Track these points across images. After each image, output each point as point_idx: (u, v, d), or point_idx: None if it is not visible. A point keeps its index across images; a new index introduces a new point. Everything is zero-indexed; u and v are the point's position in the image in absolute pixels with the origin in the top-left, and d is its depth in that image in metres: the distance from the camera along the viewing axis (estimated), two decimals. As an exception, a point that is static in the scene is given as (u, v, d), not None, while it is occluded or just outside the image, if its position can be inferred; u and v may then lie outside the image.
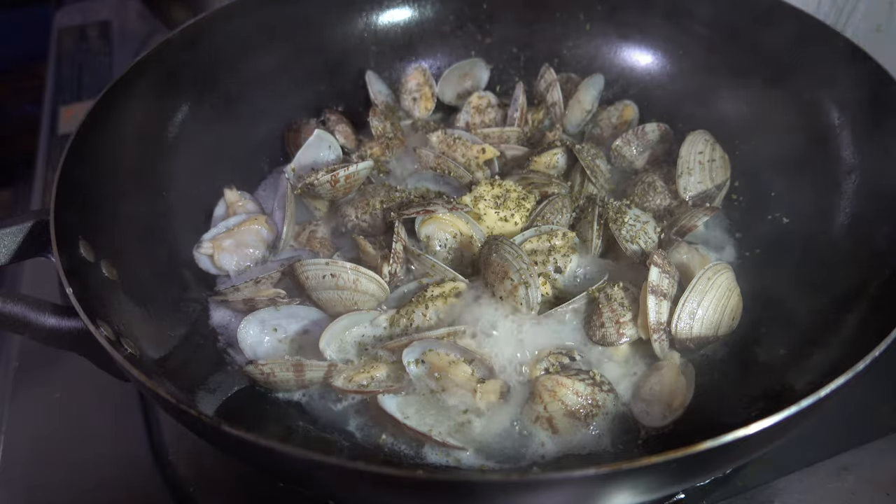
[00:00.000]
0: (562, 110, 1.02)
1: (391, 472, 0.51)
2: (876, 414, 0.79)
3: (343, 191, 0.88)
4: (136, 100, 0.84)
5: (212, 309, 0.82)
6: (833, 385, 0.54)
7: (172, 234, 0.86)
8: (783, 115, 0.91)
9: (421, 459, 0.70)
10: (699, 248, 0.84)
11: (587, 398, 0.71)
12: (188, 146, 0.90)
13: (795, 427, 0.57)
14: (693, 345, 0.76)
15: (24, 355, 0.92)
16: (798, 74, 0.89)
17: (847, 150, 0.83)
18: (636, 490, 0.55)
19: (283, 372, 0.71)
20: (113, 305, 0.70)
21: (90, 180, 0.76)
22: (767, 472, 0.75)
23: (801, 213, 0.85)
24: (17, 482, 0.80)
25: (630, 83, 1.05)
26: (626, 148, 0.95)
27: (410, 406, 0.72)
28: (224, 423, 0.52)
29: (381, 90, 1.06)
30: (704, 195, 0.90)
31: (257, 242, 0.87)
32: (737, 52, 0.95)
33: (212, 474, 0.78)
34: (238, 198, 0.92)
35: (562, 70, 1.07)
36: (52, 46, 1.48)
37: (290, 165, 0.91)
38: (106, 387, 0.78)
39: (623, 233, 0.82)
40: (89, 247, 0.71)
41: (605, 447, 0.71)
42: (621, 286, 0.78)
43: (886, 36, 1.04)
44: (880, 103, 0.80)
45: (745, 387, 0.72)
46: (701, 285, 0.75)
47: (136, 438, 0.81)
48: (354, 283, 0.77)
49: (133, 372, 0.57)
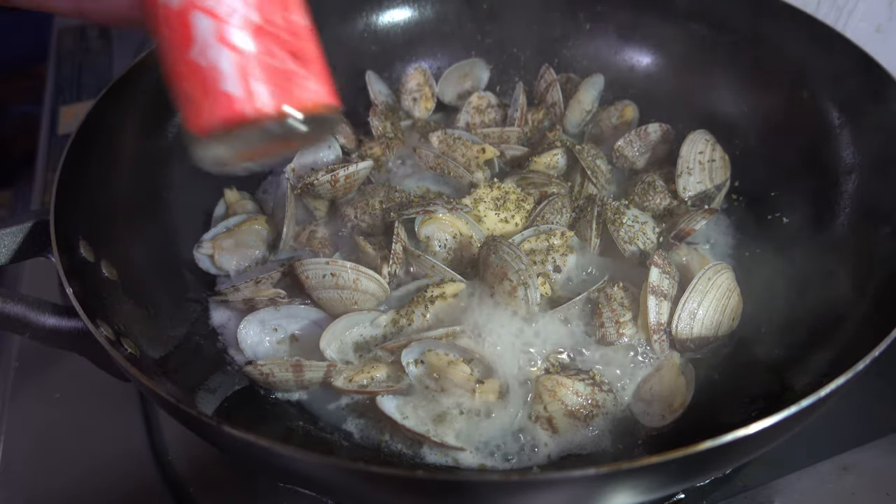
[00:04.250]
0: (562, 110, 1.02)
1: (391, 472, 0.51)
2: (876, 414, 0.79)
3: (343, 191, 0.88)
4: (137, 100, 0.84)
5: (212, 309, 0.82)
6: (833, 385, 0.54)
7: (172, 234, 0.86)
8: (783, 115, 0.91)
9: (420, 459, 0.70)
10: (699, 249, 0.84)
11: (587, 398, 0.71)
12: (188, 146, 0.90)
13: (795, 427, 0.57)
14: (693, 345, 0.76)
15: (24, 355, 0.92)
16: (798, 74, 0.89)
17: (847, 150, 0.83)
18: (636, 490, 0.55)
19: (283, 372, 0.71)
20: (113, 305, 0.70)
21: (90, 180, 0.76)
22: (767, 472, 0.75)
23: (801, 213, 0.85)
24: (17, 482, 0.80)
25: (630, 83, 1.05)
26: (627, 148, 0.95)
27: (409, 406, 0.72)
28: (224, 422, 0.52)
29: (381, 90, 1.06)
30: (704, 195, 0.90)
31: (257, 242, 0.87)
32: (737, 53, 0.95)
33: (212, 474, 0.78)
34: (238, 198, 0.92)
35: (562, 70, 1.07)
36: (52, 46, 1.48)
37: (290, 165, 0.91)
38: (106, 387, 0.77)
39: (621, 234, 0.83)
40: (89, 247, 0.71)
41: (605, 447, 0.71)
42: (621, 286, 0.78)
43: (886, 36, 1.04)
44: (880, 103, 0.80)
45: (745, 387, 0.72)
46: (701, 286, 0.75)
47: (136, 438, 0.81)
48: (354, 282, 0.77)
49: (133, 372, 0.57)
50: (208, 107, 0.41)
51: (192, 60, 0.41)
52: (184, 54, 0.41)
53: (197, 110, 0.42)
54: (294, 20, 0.42)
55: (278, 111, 0.41)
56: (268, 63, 0.41)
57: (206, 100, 0.41)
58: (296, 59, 0.42)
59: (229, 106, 0.41)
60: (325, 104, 0.44)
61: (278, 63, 0.41)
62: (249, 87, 0.40)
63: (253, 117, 0.41)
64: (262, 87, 0.41)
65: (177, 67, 0.42)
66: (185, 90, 0.42)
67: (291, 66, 0.41)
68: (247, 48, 0.40)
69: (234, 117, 0.41)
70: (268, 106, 0.41)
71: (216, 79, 0.40)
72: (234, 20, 0.40)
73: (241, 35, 0.40)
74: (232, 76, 0.40)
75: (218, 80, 0.40)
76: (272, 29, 0.41)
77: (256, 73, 0.41)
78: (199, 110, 0.42)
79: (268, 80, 0.41)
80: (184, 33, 0.41)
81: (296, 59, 0.42)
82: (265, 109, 0.41)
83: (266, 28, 0.41)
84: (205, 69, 0.40)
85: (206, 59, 0.40)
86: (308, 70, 0.42)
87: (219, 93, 0.40)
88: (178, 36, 0.41)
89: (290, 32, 0.42)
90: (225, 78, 0.40)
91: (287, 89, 0.41)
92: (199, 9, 0.40)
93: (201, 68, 0.41)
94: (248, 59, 0.40)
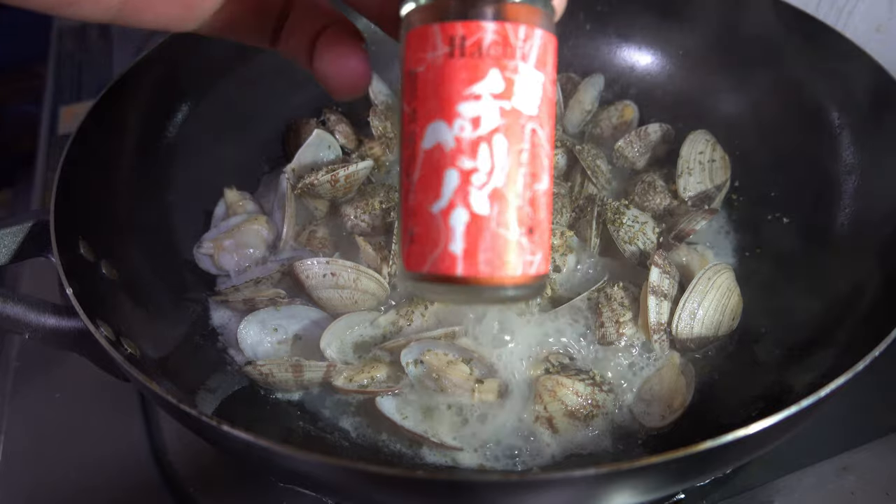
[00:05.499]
0: (562, 110, 1.02)
1: (391, 472, 0.51)
2: (876, 414, 0.79)
3: (343, 191, 0.88)
4: (137, 100, 0.84)
5: (212, 309, 0.82)
6: (833, 385, 0.54)
7: (173, 234, 0.86)
8: (783, 116, 0.91)
9: (420, 459, 0.70)
10: (699, 249, 0.84)
11: (587, 398, 0.71)
12: (188, 146, 0.90)
13: (795, 427, 0.57)
14: (693, 345, 0.76)
15: (24, 355, 0.92)
16: (798, 74, 0.89)
17: (847, 150, 0.83)
18: (636, 490, 0.55)
19: (282, 372, 0.71)
20: (113, 305, 0.70)
21: (90, 180, 0.76)
22: (767, 471, 0.75)
23: (801, 214, 0.85)
24: (18, 481, 0.80)
25: (630, 83, 1.05)
26: (628, 149, 0.95)
27: (408, 407, 0.72)
28: (224, 422, 0.52)
29: (381, 90, 1.06)
30: (704, 195, 0.90)
31: (257, 242, 0.87)
32: (737, 53, 0.95)
33: (212, 474, 0.78)
34: (238, 198, 0.92)
35: (561, 70, 1.07)
36: (52, 46, 1.48)
37: (290, 165, 0.91)
38: (106, 387, 0.78)
39: (621, 234, 0.83)
40: (89, 247, 0.71)
41: (605, 447, 0.71)
42: (621, 286, 0.78)
43: (886, 36, 1.04)
44: (880, 103, 0.80)
45: (745, 387, 0.72)
46: (701, 286, 0.76)
47: (136, 438, 0.81)
48: (355, 281, 0.77)
49: (133, 372, 0.57)
50: (429, 258, 0.40)
51: (430, 211, 0.40)
52: (425, 204, 0.40)
53: (418, 255, 0.41)
54: (537, 189, 0.41)
55: (494, 283, 0.40)
56: (498, 234, 0.40)
57: (429, 250, 0.40)
58: (529, 234, 0.41)
59: (449, 266, 0.40)
60: (539, 275, 0.42)
61: (511, 235, 0.40)
62: (474, 254, 0.40)
63: (466, 282, 0.40)
64: (485, 255, 0.40)
65: (415, 209, 0.41)
66: (410, 229, 0.41)
67: (522, 240, 0.40)
68: (483, 213, 0.40)
69: (449, 278, 0.40)
70: (484, 275, 0.40)
71: (447, 237, 0.40)
72: (481, 182, 0.40)
73: (482, 200, 0.40)
74: (460, 238, 0.40)
75: (448, 239, 0.40)
76: (514, 199, 0.40)
77: (485, 243, 0.40)
78: (420, 257, 0.41)
79: (493, 250, 0.40)
80: (435, 185, 0.40)
81: (529, 234, 0.41)
82: (480, 277, 0.40)
83: (507, 196, 0.40)
84: (438, 222, 0.40)
85: (445, 215, 0.40)
86: (535, 245, 0.41)
87: (444, 250, 0.40)
88: (428, 186, 0.40)
89: (531, 203, 0.41)
90: (454, 238, 0.40)
91: (510, 262, 0.40)
92: (454, 167, 0.40)
93: (435, 221, 0.40)
94: (481, 224, 0.40)
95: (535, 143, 0.41)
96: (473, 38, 0.39)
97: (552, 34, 0.42)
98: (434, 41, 0.40)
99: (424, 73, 0.40)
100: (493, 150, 0.40)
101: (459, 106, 0.40)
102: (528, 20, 0.40)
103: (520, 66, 0.40)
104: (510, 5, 0.39)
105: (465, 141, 0.40)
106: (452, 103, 0.40)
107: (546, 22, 0.41)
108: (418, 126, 0.41)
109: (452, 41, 0.39)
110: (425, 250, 0.41)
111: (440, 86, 0.40)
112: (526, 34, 0.40)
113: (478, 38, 0.39)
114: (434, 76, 0.40)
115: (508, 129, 0.40)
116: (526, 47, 0.40)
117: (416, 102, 0.41)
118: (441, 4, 0.40)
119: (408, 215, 0.42)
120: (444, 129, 0.40)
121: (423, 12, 0.40)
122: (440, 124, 0.40)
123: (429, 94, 0.40)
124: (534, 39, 0.40)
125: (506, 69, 0.39)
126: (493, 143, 0.40)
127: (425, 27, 0.40)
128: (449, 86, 0.40)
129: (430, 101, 0.40)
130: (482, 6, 0.39)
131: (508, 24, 0.39)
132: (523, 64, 0.40)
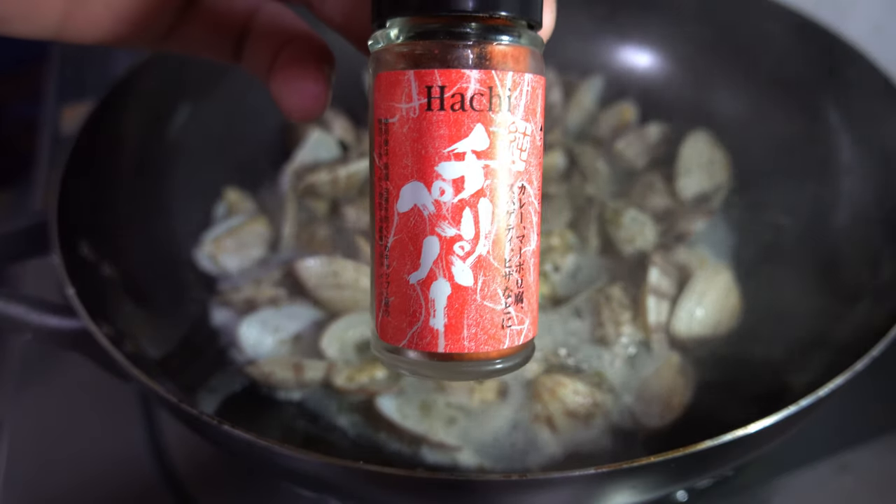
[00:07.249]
0: (562, 111, 1.02)
1: (391, 472, 0.51)
2: (874, 413, 0.79)
3: (344, 190, 0.89)
4: (138, 100, 0.84)
5: (212, 309, 0.82)
6: (833, 385, 0.54)
7: (173, 234, 0.86)
8: (783, 116, 0.91)
9: (420, 459, 0.70)
10: (698, 249, 0.84)
11: (587, 398, 0.71)
12: (188, 146, 0.90)
13: (795, 427, 0.57)
14: (693, 345, 0.76)
15: (24, 355, 0.92)
16: (798, 74, 0.89)
17: (847, 151, 0.83)
18: (636, 489, 0.56)
19: (283, 372, 0.72)
20: (114, 305, 0.70)
21: (91, 180, 0.76)
22: (767, 471, 0.75)
23: (801, 213, 0.85)
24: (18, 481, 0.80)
25: (630, 83, 1.05)
26: (627, 149, 0.95)
27: (408, 406, 0.73)
28: (225, 422, 0.52)
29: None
30: (704, 195, 0.90)
31: (258, 242, 0.87)
32: (736, 53, 0.96)
33: (212, 474, 0.78)
34: (239, 198, 0.92)
35: (562, 70, 1.07)
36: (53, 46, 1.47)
37: (291, 165, 0.91)
38: (106, 387, 0.78)
39: (620, 234, 0.83)
40: (90, 247, 0.71)
41: (604, 447, 0.71)
42: (621, 286, 0.79)
43: (886, 36, 1.04)
44: (880, 104, 0.80)
45: (744, 387, 0.72)
46: (700, 285, 0.76)
47: (136, 438, 0.81)
48: (355, 281, 0.77)
49: (134, 372, 0.57)
50: (408, 332, 0.37)
51: (407, 281, 0.36)
52: (402, 273, 0.37)
53: (395, 329, 0.37)
54: (525, 252, 0.37)
55: (479, 357, 0.37)
56: (483, 307, 0.36)
57: (408, 325, 0.37)
58: (517, 304, 0.37)
59: (431, 343, 0.36)
60: (527, 342, 0.39)
61: (497, 307, 0.37)
62: (458, 330, 0.36)
63: (450, 358, 0.37)
64: (469, 331, 0.36)
65: (390, 276, 0.37)
66: (386, 298, 0.38)
67: (510, 310, 0.37)
68: (467, 284, 0.36)
69: (431, 355, 0.37)
70: (469, 351, 0.37)
71: (427, 311, 0.36)
72: (464, 252, 0.36)
73: (465, 271, 0.36)
74: (441, 313, 0.36)
75: (429, 314, 0.36)
76: (501, 267, 0.36)
77: (470, 317, 0.36)
78: (398, 331, 0.37)
79: (479, 325, 0.36)
80: (413, 253, 0.36)
81: (517, 303, 0.37)
82: (465, 354, 0.37)
83: (494, 265, 0.36)
84: (418, 294, 0.36)
85: (424, 287, 0.36)
86: (523, 313, 0.38)
87: (424, 325, 0.36)
88: (405, 253, 0.36)
89: (519, 269, 0.37)
90: (435, 313, 0.36)
91: (497, 336, 0.37)
92: (434, 234, 0.35)
93: (414, 292, 0.36)
94: (465, 297, 0.36)
95: (524, 201, 0.37)
96: (454, 89, 0.34)
97: (541, 76, 0.36)
98: (409, 90, 0.34)
99: (398, 127, 0.35)
100: (478, 216, 0.35)
101: (439, 167, 0.35)
102: (516, 65, 0.35)
103: (507, 120, 0.35)
104: (495, 49, 0.34)
105: (445, 206, 0.35)
106: (431, 164, 0.35)
107: (535, 64, 0.36)
108: (392, 185, 0.36)
109: (430, 91, 0.34)
110: (403, 324, 0.37)
111: (416, 142, 0.35)
112: (514, 82, 0.35)
113: (459, 89, 0.34)
114: (409, 131, 0.35)
115: (494, 190, 0.35)
116: (514, 97, 0.35)
117: (389, 158, 0.36)
118: (416, 47, 0.34)
119: (382, 282, 0.38)
120: (423, 191, 0.35)
121: (395, 55, 0.35)
122: (417, 186, 0.35)
123: (404, 151, 0.35)
124: (523, 86, 0.35)
125: (491, 123, 0.34)
126: (478, 207, 0.35)
127: (398, 73, 0.34)
128: (427, 144, 0.34)
129: (404, 158, 0.35)
130: (463, 50, 0.34)
131: (495, 71, 0.34)
132: (511, 116, 0.35)
